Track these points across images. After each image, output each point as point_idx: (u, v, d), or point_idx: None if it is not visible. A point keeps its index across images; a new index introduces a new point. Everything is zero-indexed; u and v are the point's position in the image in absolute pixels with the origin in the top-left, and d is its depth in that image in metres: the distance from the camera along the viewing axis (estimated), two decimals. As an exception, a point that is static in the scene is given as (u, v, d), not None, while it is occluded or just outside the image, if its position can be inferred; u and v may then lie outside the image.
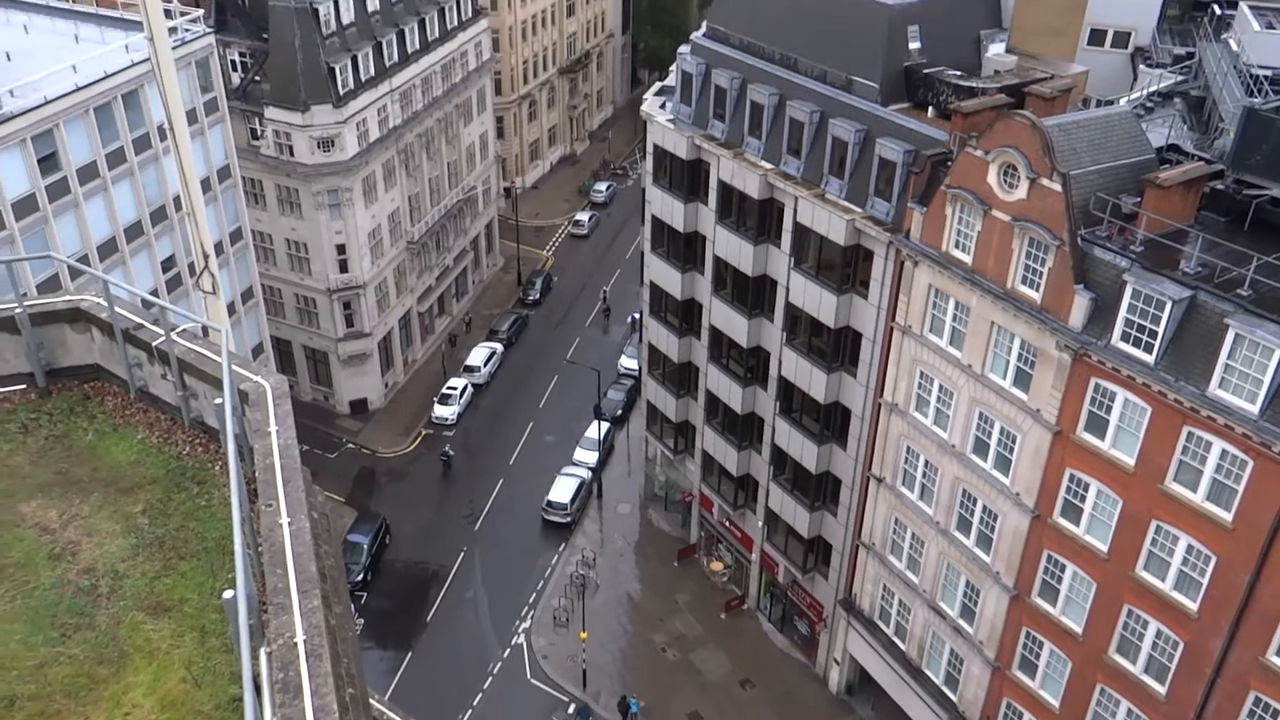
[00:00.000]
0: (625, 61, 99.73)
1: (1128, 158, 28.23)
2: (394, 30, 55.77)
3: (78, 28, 41.86)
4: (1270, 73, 31.26)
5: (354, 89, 52.70)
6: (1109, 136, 28.82)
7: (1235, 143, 27.35)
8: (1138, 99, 35.62)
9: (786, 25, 38.53)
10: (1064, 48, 37.50)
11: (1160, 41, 42.50)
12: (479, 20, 65.14)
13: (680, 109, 42.74)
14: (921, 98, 34.81)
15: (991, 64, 35.74)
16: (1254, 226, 26.77)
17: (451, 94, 62.27)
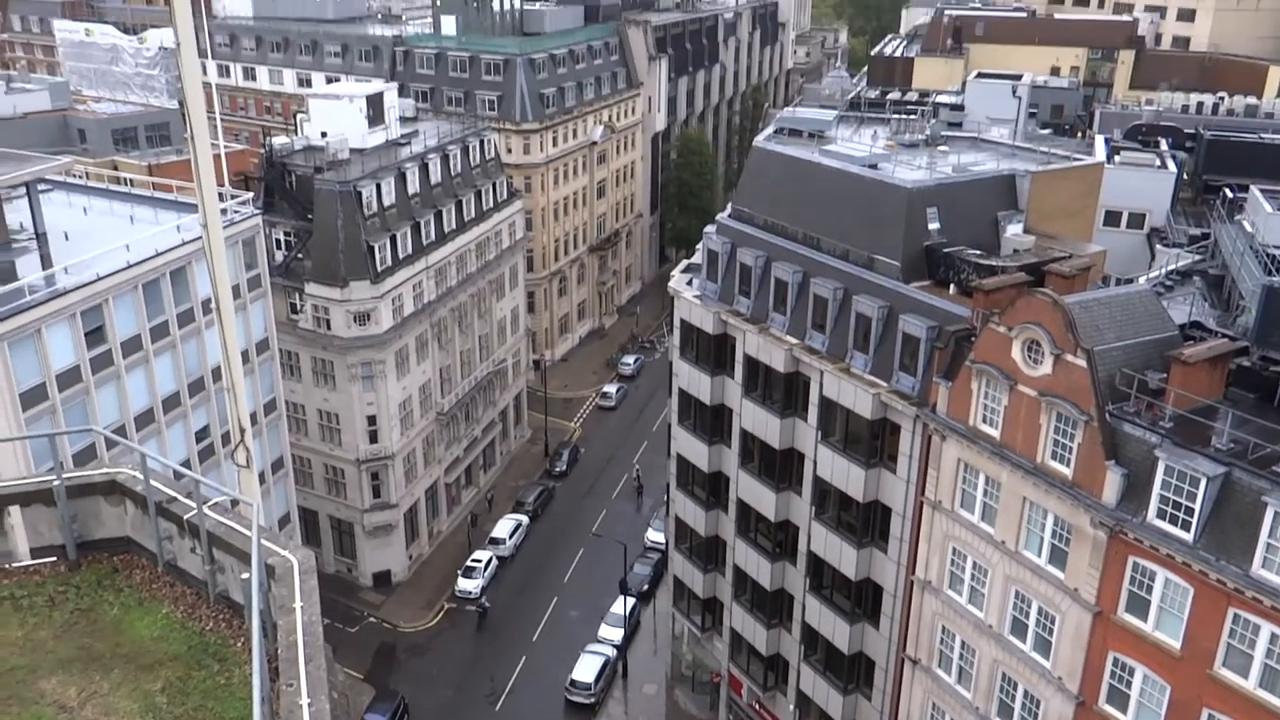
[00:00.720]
0: (653, 240, 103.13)
1: (1151, 334, 28.46)
2: (432, 211, 58.26)
3: (133, 209, 44.09)
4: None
5: (391, 266, 54.63)
6: (1131, 313, 29.16)
7: (1258, 320, 27.59)
8: (1157, 277, 36.21)
9: (808, 206, 39.93)
10: (1080, 228, 38.50)
11: (1175, 222, 43.54)
12: (513, 202, 68.03)
13: (707, 285, 43.85)
14: (943, 275, 35.58)
15: (1010, 243, 36.66)
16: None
17: (485, 271, 64.36)
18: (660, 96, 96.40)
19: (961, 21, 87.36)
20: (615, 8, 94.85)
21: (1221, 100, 65.83)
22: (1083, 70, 78.94)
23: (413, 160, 57.92)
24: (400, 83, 74.43)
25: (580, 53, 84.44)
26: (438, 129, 63.79)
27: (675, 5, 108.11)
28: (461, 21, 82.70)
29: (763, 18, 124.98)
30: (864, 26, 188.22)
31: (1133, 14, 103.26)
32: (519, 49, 78.28)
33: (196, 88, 11.59)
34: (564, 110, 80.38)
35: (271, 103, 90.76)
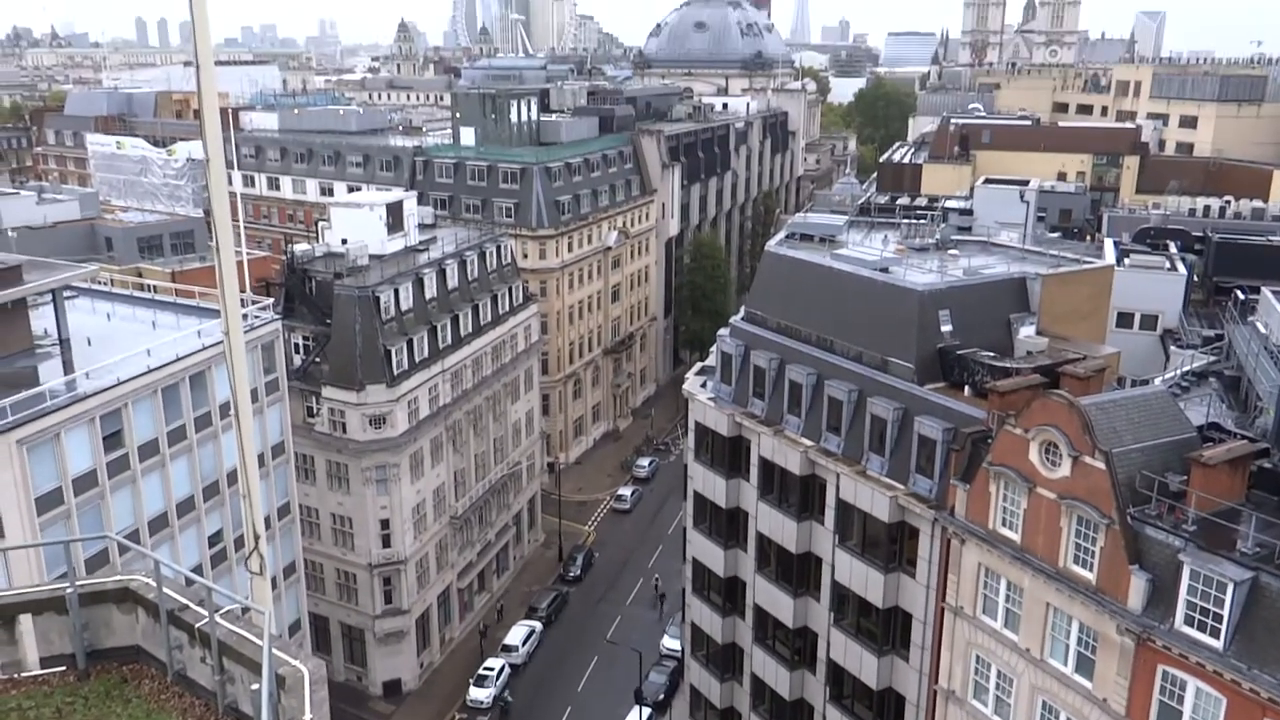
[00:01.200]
0: (667, 342, 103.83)
1: (1169, 436, 28.24)
2: (449, 316, 58.97)
3: (156, 315, 44.81)
4: (1302, 353, 31.79)
5: (408, 369, 55.06)
6: (1148, 415, 28.99)
7: (1277, 422, 27.36)
8: (1172, 378, 36.10)
9: (821, 309, 40.27)
10: (1093, 330, 38.59)
11: (1188, 324, 43.58)
12: (529, 306, 68.85)
13: (721, 388, 43.96)
14: (957, 377, 35.60)
15: (1024, 345, 36.74)
16: (1308, 505, 26.23)
17: (500, 374, 64.75)
18: (673, 202, 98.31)
19: (967, 130, 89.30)
20: (629, 118, 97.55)
21: (1228, 204, 66.62)
22: (1089, 175, 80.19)
23: (430, 266, 58.91)
24: (420, 191, 76.27)
25: (595, 161, 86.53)
26: (455, 235, 65.07)
27: (687, 115, 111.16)
28: (480, 133, 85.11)
29: (773, 126, 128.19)
30: (872, 134, 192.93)
31: (1135, 121, 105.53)
32: (536, 158, 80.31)
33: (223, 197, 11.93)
34: (579, 217, 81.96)
35: (294, 211, 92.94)
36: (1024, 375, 32.68)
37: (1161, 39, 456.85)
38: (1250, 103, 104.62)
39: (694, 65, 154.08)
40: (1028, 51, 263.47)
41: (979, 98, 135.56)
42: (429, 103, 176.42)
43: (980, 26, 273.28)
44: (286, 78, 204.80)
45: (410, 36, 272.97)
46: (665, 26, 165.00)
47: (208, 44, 11.44)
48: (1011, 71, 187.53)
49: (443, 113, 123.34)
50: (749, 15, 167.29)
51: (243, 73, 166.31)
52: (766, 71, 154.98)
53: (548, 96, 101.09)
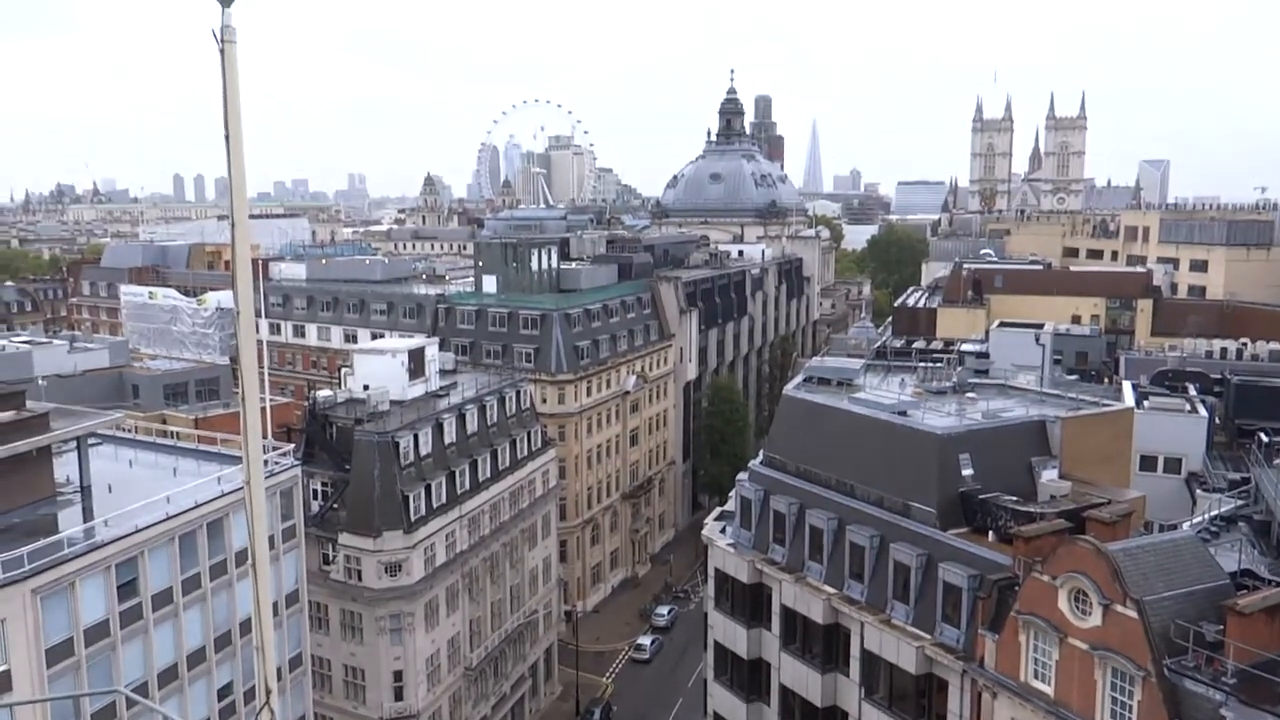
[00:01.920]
0: (686, 487, 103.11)
1: (1201, 583, 27.51)
2: (467, 461, 59.00)
3: (178, 461, 45.05)
4: (1332, 497, 31.24)
5: (425, 515, 54.74)
6: (1178, 561, 28.33)
7: (1311, 568, 26.64)
8: (1200, 523, 35.41)
9: (840, 453, 40.10)
10: (1116, 474, 38.17)
11: (1213, 467, 43.07)
12: (547, 450, 68.87)
13: (740, 533, 43.41)
14: (980, 522, 35.08)
15: (1046, 489, 36.29)
16: (1353, 656, 25.26)
17: (518, 519, 64.23)
18: (691, 347, 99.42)
19: (980, 274, 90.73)
20: (647, 265, 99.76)
21: (1245, 346, 66.80)
22: (1103, 318, 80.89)
23: (450, 411, 59.33)
24: (442, 337, 77.52)
25: (614, 307, 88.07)
26: (476, 380, 65.76)
27: (704, 262, 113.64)
28: (502, 280, 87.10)
29: (788, 272, 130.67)
30: (886, 279, 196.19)
31: (1146, 265, 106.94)
32: (555, 304, 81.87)
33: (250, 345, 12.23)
34: (598, 361, 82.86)
35: (318, 357, 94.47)
36: (1049, 520, 32.17)
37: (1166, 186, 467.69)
38: (1259, 246, 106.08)
39: (710, 214, 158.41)
40: (1035, 199, 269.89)
41: (990, 243, 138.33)
42: (453, 252, 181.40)
43: (988, 175, 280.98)
44: (316, 229, 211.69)
45: (436, 189, 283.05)
46: (682, 178, 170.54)
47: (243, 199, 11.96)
48: (1021, 218, 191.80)
49: (466, 261, 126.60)
50: (763, 167, 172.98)
51: (274, 225, 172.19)
52: (781, 219, 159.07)
53: (568, 245, 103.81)
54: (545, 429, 70.97)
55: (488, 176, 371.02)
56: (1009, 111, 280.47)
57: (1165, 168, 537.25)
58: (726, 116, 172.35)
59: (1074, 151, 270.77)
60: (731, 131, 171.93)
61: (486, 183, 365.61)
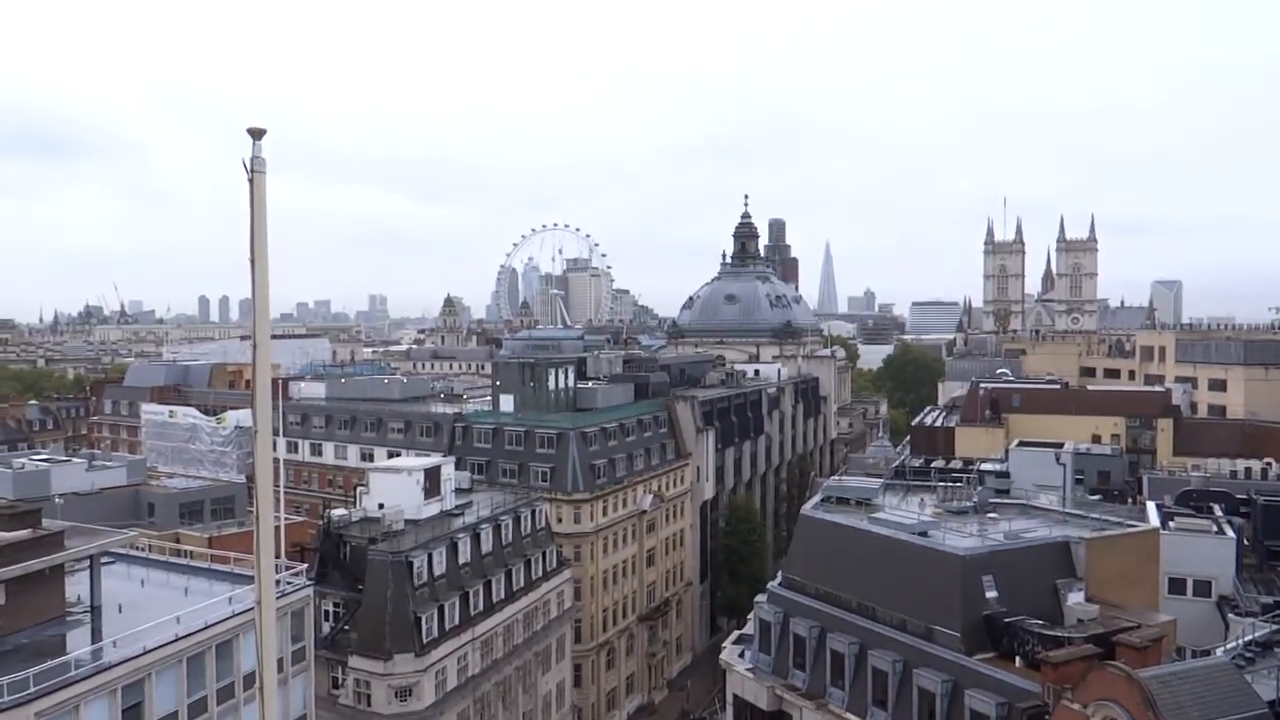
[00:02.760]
0: (704, 609, 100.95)
1: (1238, 713, 26.46)
2: (481, 581, 58.13)
3: (189, 581, 44.57)
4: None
5: (437, 637, 53.65)
6: (1214, 689, 27.32)
7: (1354, 697, 25.65)
8: (1235, 649, 34.31)
9: (861, 574, 39.34)
10: (1145, 597, 37.24)
11: (1244, 590, 42.02)
12: (562, 570, 67.84)
13: (759, 657, 42.30)
14: (1006, 647, 34.11)
15: (1073, 612, 35.37)
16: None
17: (532, 642, 62.83)
18: (708, 466, 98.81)
19: (997, 393, 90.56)
20: (664, 384, 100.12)
21: (1269, 466, 65.89)
22: (1123, 437, 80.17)
23: (465, 530, 58.80)
24: (458, 456, 77.43)
25: (630, 426, 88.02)
26: (491, 499, 65.35)
27: (720, 381, 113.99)
28: (519, 399, 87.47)
29: (804, 391, 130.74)
30: (902, 399, 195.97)
31: (1164, 384, 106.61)
32: (572, 423, 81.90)
33: (267, 465, 12.25)
34: (614, 480, 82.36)
35: (334, 476, 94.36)
36: (1077, 645, 31.25)
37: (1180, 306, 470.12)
38: (1277, 366, 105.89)
39: (725, 334, 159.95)
40: (1050, 319, 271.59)
41: (1006, 363, 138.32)
42: (471, 371, 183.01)
43: (1001, 296, 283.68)
44: (336, 349, 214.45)
45: (455, 310, 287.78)
46: (698, 299, 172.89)
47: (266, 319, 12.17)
48: (1036, 338, 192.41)
49: (484, 381, 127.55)
50: (777, 288, 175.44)
51: (295, 345, 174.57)
52: (796, 339, 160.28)
53: (585, 364, 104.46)
54: (561, 549, 70.09)
55: (506, 298, 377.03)
56: (1020, 234, 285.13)
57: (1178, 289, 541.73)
58: (741, 239, 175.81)
59: (1086, 273, 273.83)
60: (746, 254, 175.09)
61: (505, 304, 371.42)
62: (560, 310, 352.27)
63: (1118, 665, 27.69)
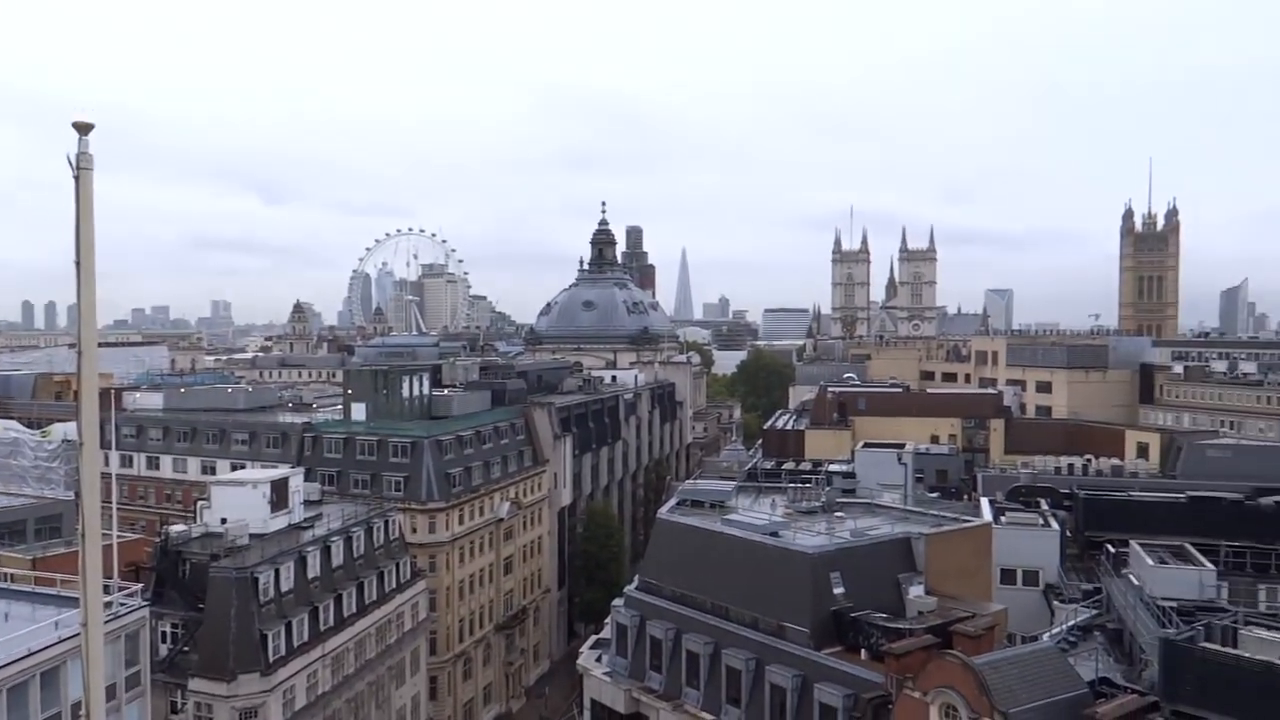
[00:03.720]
0: (562, 615, 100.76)
1: (1062, 693, 28.25)
2: (332, 596, 56.34)
3: (10, 606, 41.55)
4: (1175, 604, 32.87)
5: (285, 655, 51.68)
6: (1041, 672, 29.07)
7: (1161, 675, 27.80)
8: (1059, 634, 36.61)
9: (715, 575, 40.07)
10: (979, 588, 39.27)
11: (1067, 578, 44.78)
12: (417, 582, 66.48)
13: (617, 661, 42.53)
14: (852, 640, 35.35)
15: (914, 605, 37.00)
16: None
17: (385, 655, 61.30)
18: (566, 472, 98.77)
19: (844, 397, 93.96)
20: (521, 391, 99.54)
21: (1089, 462, 70.57)
22: (959, 437, 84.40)
23: (314, 544, 56.89)
24: (307, 467, 74.79)
25: (487, 433, 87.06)
26: (342, 511, 63.45)
27: (578, 388, 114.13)
28: (371, 408, 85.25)
29: (661, 397, 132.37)
30: (755, 403, 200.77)
31: (997, 387, 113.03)
32: (427, 432, 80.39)
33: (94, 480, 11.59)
34: (470, 489, 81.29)
35: (173, 490, 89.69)
36: (917, 636, 32.69)
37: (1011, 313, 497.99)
38: (1096, 369, 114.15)
39: (583, 341, 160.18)
40: (893, 325, 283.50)
41: (852, 367, 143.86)
42: (322, 379, 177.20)
43: (848, 304, 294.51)
44: (175, 357, 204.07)
45: (305, 316, 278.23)
46: (555, 305, 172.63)
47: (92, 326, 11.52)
48: (880, 344, 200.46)
49: (335, 389, 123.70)
50: (634, 294, 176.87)
51: (130, 353, 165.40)
52: (653, 345, 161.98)
53: (440, 372, 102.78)
54: (415, 560, 68.69)
55: (359, 304, 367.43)
56: (865, 244, 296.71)
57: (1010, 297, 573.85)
58: (598, 246, 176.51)
59: (926, 281, 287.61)
60: (603, 261, 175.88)
61: (358, 310, 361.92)
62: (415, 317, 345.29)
63: (954, 653, 29.13)
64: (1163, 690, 27.83)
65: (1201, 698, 26.99)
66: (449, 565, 77.41)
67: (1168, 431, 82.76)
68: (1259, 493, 52.00)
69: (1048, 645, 32.36)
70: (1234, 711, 26.38)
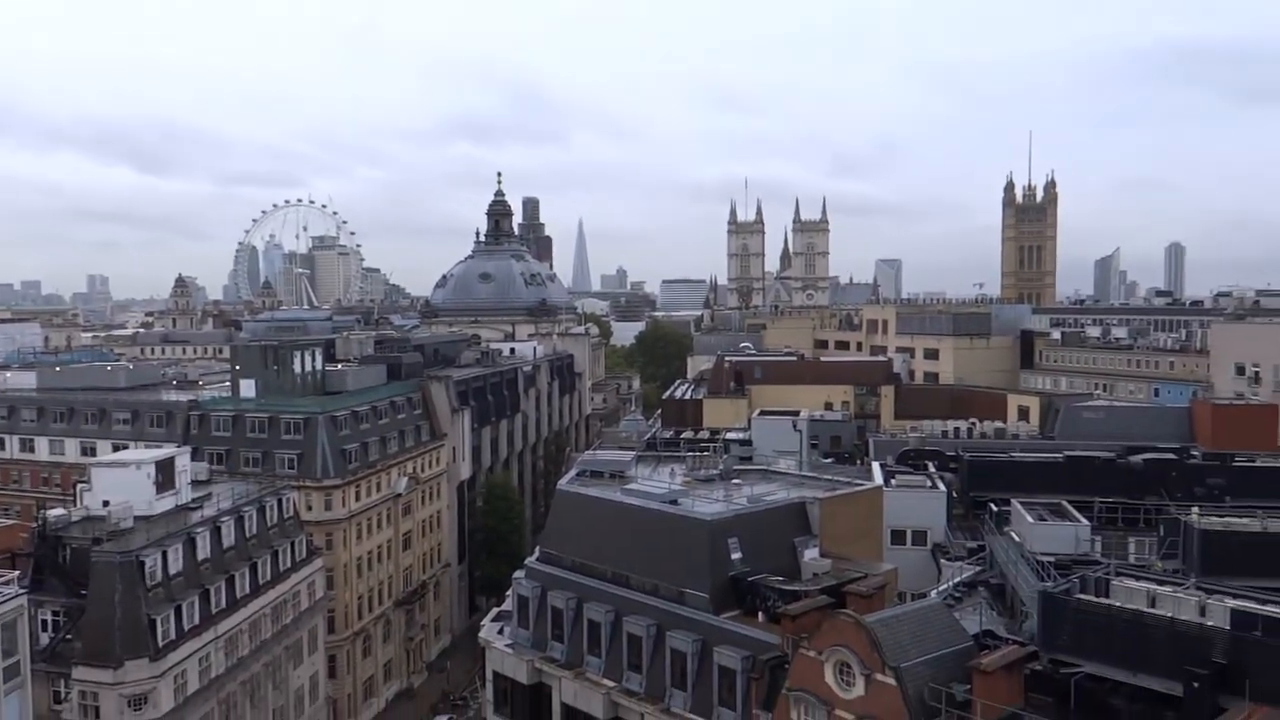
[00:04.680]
0: (463, 589, 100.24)
1: (949, 647, 29.37)
2: (224, 577, 54.80)
3: None
4: (1053, 558, 34.47)
5: (175, 639, 50.12)
6: (929, 628, 30.14)
7: (1040, 626, 29.14)
8: (945, 590, 38.03)
9: (615, 544, 40.30)
10: (871, 549, 40.46)
11: (953, 537, 46.49)
12: (313, 560, 65.18)
13: (518, 633, 42.52)
14: (750, 604, 36.03)
15: (809, 568, 37.90)
16: (1079, 705, 27.62)
17: (281, 635, 60.04)
18: (464, 446, 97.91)
19: (741, 366, 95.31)
20: (418, 365, 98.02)
21: (974, 425, 73.22)
22: (852, 404, 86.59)
23: (204, 524, 55.16)
24: (195, 447, 72.32)
25: (383, 408, 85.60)
26: (233, 491, 61.63)
27: (476, 361, 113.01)
28: (261, 384, 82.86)
29: (560, 369, 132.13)
30: (654, 373, 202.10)
31: (887, 354, 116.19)
32: (320, 407, 78.63)
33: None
34: (367, 465, 79.93)
35: (50, 474, 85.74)
36: (812, 597, 33.51)
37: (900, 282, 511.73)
38: (980, 336, 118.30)
39: (481, 313, 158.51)
40: (787, 295, 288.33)
41: (749, 337, 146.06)
42: (208, 356, 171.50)
43: (744, 274, 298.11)
44: (49, 334, 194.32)
45: (188, 291, 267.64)
46: (452, 277, 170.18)
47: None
48: (775, 313, 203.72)
49: (222, 366, 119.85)
50: (532, 266, 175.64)
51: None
52: (551, 317, 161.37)
53: (333, 346, 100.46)
54: (311, 538, 67.29)
55: (246, 277, 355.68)
56: (760, 215, 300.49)
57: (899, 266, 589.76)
58: (495, 218, 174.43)
59: (819, 252, 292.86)
60: (500, 232, 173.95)
61: (244, 284, 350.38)
62: (306, 290, 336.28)
63: (847, 613, 29.97)
64: (1042, 640, 29.20)
65: (1077, 646, 28.41)
66: (346, 542, 76.15)
67: (1046, 395, 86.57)
68: (1130, 451, 54.85)
69: (935, 601, 33.57)
70: (1107, 658, 27.85)
